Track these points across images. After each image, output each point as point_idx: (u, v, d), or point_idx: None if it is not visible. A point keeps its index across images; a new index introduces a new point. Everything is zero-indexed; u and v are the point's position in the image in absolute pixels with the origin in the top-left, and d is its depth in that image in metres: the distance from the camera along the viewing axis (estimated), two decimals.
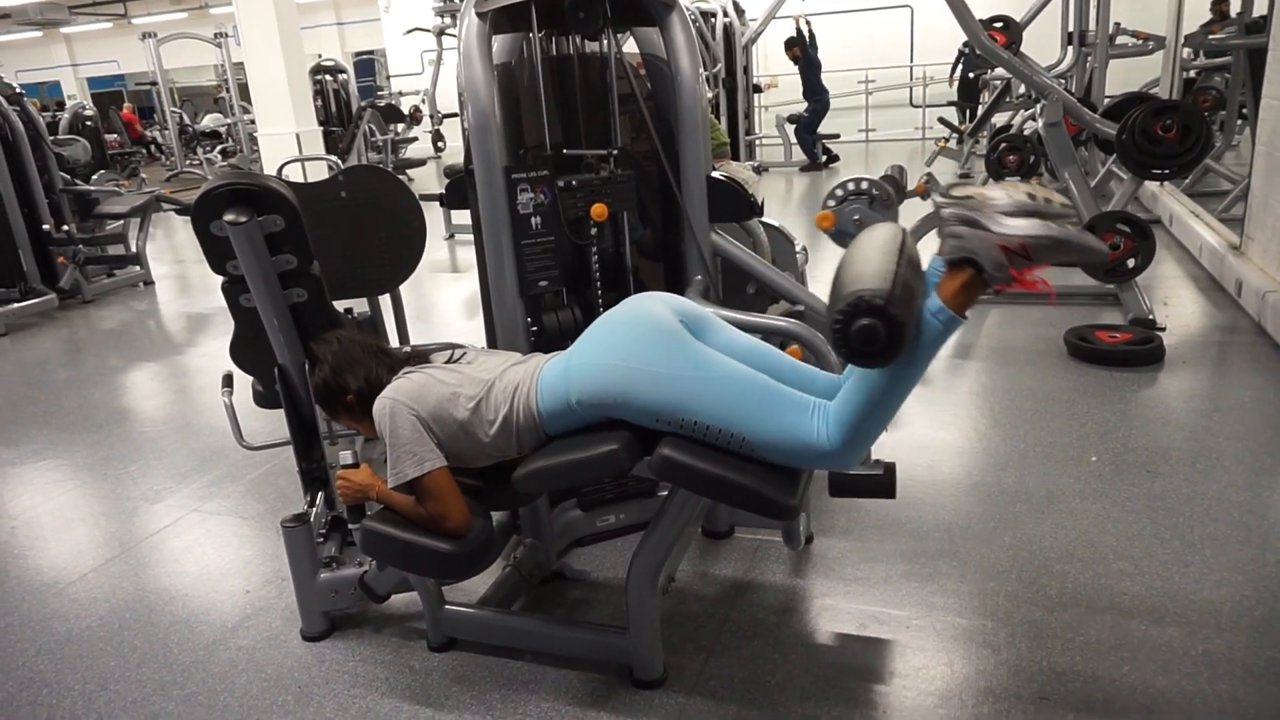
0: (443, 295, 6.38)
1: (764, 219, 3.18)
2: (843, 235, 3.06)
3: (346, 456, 2.08)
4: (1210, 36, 7.00)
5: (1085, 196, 4.75)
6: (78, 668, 2.31)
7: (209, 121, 16.29)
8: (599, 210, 2.33)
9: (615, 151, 2.43)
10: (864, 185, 3.01)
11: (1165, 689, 1.93)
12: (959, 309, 1.56)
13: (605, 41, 2.43)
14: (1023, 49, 6.51)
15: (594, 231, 2.39)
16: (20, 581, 2.78)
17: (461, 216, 7.77)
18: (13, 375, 5.09)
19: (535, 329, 2.36)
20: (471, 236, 2.59)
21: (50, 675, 2.28)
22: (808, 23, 11.39)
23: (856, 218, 2.96)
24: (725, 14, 9.21)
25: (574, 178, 2.35)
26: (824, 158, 11.37)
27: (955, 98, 12.25)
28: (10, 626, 2.52)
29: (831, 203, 3.01)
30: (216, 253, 2.15)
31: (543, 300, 2.40)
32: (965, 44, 12.24)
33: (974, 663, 2.07)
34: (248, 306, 2.26)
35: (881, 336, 1.48)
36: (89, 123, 8.67)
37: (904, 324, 1.49)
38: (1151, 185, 6.85)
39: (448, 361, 2.05)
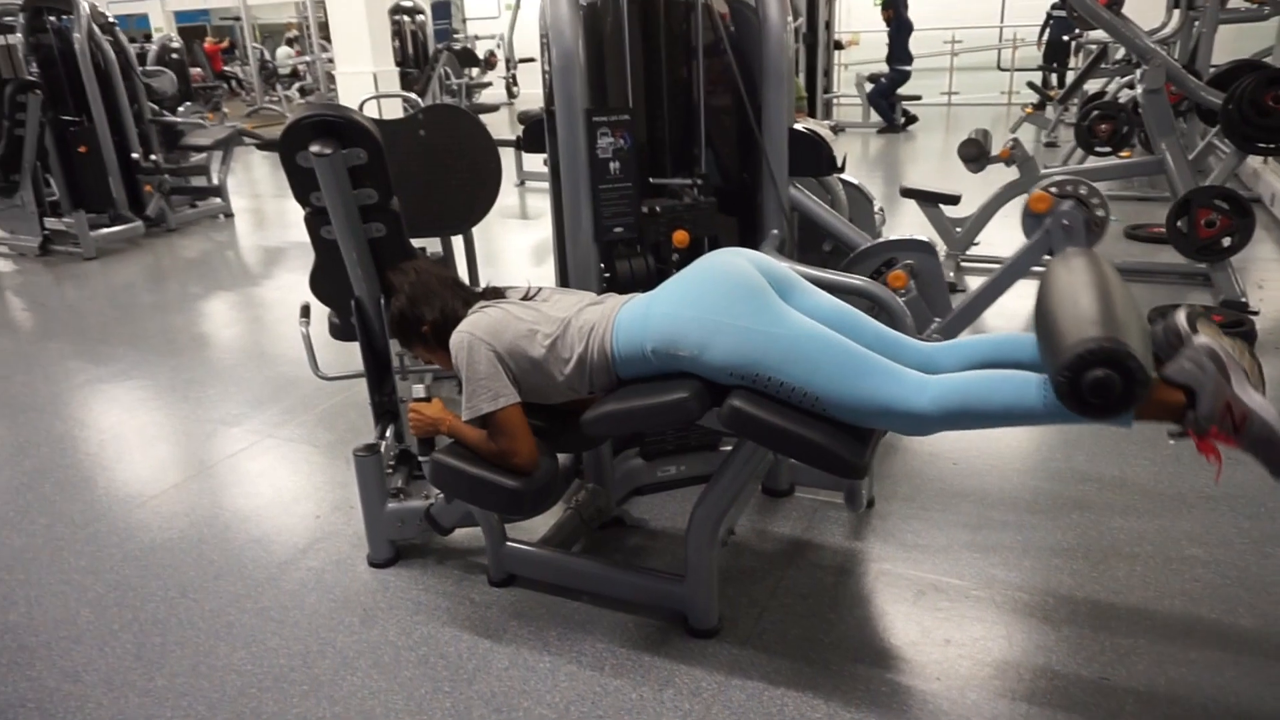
0: (512, 241, 6.42)
1: (843, 176, 3.11)
2: (1034, 223, 2.82)
3: (419, 390, 2.13)
4: None
5: (1182, 169, 4.53)
6: (161, 575, 2.43)
7: (280, 55, 16.49)
8: (680, 237, 2.35)
9: (699, 181, 2.43)
10: (1083, 191, 2.77)
11: (1234, 679, 1.88)
12: (1139, 415, 1.51)
13: None
14: (1125, 11, 6.18)
15: (675, 258, 2.39)
16: (108, 492, 2.92)
17: (532, 163, 7.77)
18: (102, 298, 5.31)
19: (608, 275, 2.35)
20: (543, 184, 2.59)
21: (136, 580, 2.41)
22: None
23: (1066, 222, 2.74)
24: None
25: (658, 203, 2.36)
26: (902, 120, 11.04)
27: (1042, 62, 11.76)
28: (99, 534, 2.66)
29: (1054, 189, 2.77)
30: (301, 183, 2.19)
31: (616, 247, 2.39)
32: (1054, 6, 11.77)
33: (1034, 638, 2.04)
34: (328, 239, 2.30)
35: (1117, 388, 1.41)
36: (175, 55, 8.85)
37: (1145, 380, 1.41)
38: (1254, 161, 6.50)
39: (523, 299, 2.06)
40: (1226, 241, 4.13)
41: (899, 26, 10.76)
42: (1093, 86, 8.78)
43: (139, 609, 2.29)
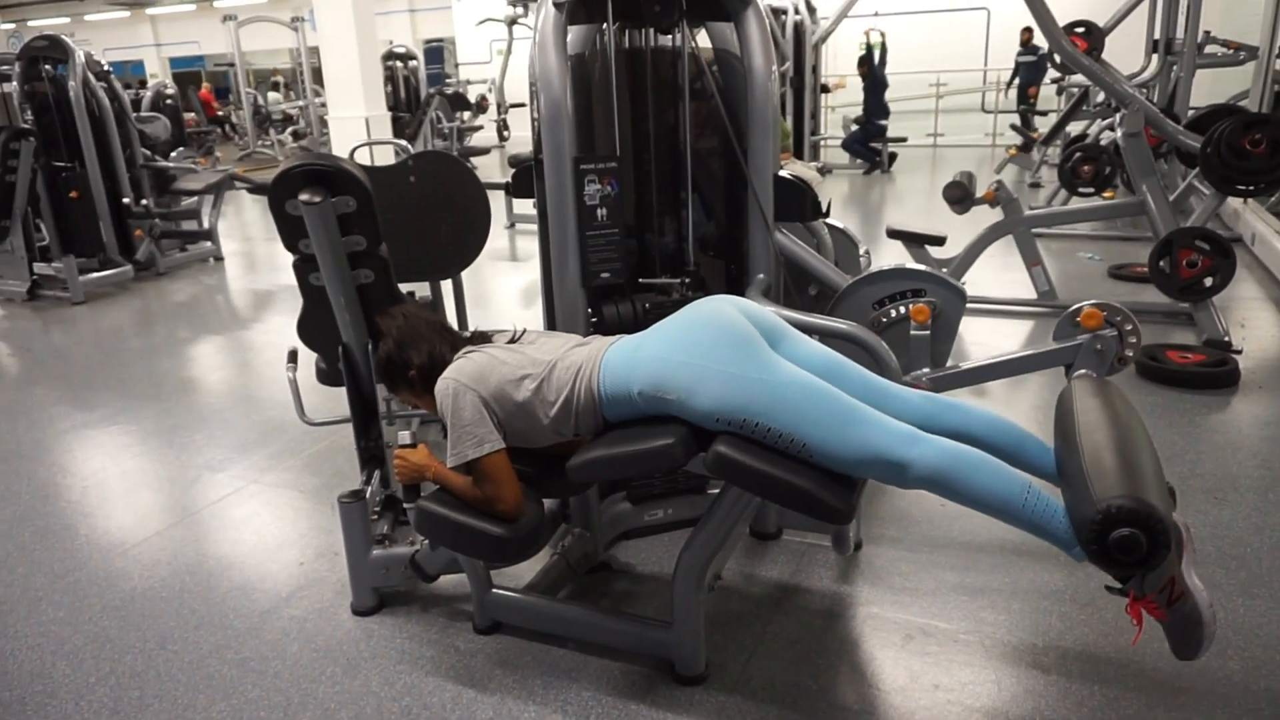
0: (502, 283, 6.45)
1: (828, 220, 3.15)
2: (1071, 331, 2.85)
3: (405, 436, 2.12)
4: None
5: (1164, 211, 4.60)
6: (140, 626, 2.39)
7: (271, 100, 16.70)
8: None
9: (688, 279, 2.46)
10: (1128, 327, 2.73)
11: None
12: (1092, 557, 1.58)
13: (678, 35, 2.42)
14: (1105, 56, 6.32)
15: None
16: (89, 540, 2.89)
17: (523, 206, 7.83)
18: (89, 342, 5.30)
19: (595, 320, 2.37)
20: (532, 226, 2.62)
21: (114, 631, 2.37)
22: (881, 35, 11.25)
23: (1099, 348, 2.78)
24: (796, 11, 9.13)
25: (647, 299, 2.39)
26: (879, 158, 11.21)
27: (1016, 107, 12.07)
28: (78, 583, 2.62)
29: (1106, 310, 2.78)
30: (290, 231, 2.21)
31: (604, 291, 2.41)
32: (1019, 53, 12.08)
33: (1023, 682, 2.02)
34: (316, 285, 2.31)
35: (1143, 549, 1.46)
36: (169, 101, 8.95)
37: (1169, 539, 1.46)
38: (1233, 202, 6.60)
39: (510, 342, 2.07)
40: (1208, 281, 4.19)
41: (874, 83, 10.99)
42: (1076, 128, 8.95)
43: (117, 661, 2.25)
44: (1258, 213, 6.35)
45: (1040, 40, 11.71)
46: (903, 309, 2.74)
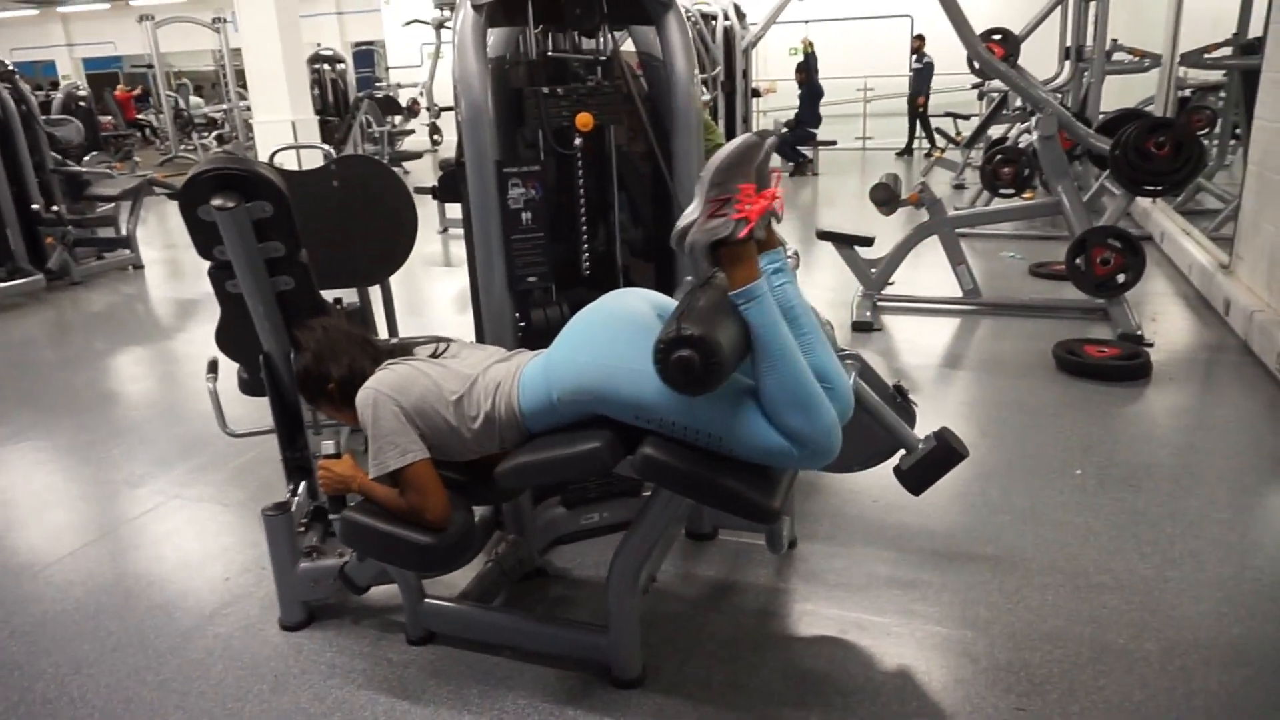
0: (435, 289, 6.36)
1: None
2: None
3: (329, 446, 2.07)
4: (1206, 56, 7.04)
5: (1078, 210, 4.77)
6: (52, 651, 2.28)
7: (194, 103, 16.22)
8: (584, 120, 2.26)
9: (604, 58, 2.37)
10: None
11: (1142, 703, 1.94)
12: (736, 283, 1.70)
13: (602, 39, 2.42)
14: (1020, 62, 6.53)
15: (578, 143, 2.32)
16: None
17: (455, 210, 7.75)
18: None
19: (524, 324, 2.35)
20: (464, 231, 2.58)
21: (23, 658, 2.26)
22: (809, 44, 11.49)
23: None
24: (726, 17, 9.21)
25: (559, 86, 2.28)
26: (805, 160, 11.44)
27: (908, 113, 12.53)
28: None
29: None
30: (203, 237, 2.14)
31: (531, 296, 2.39)
32: (914, 62, 12.50)
33: (953, 672, 2.07)
34: (234, 293, 2.24)
35: (698, 368, 1.58)
36: (82, 103, 8.61)
37: (708, 342, 1.57)
38: (1143, 202, 6.89)
39: (432, 355, 2.04)
40: (1121, 278, 4.36)
41: (810, 91, 11.21)
42: (997, 132, 9.22)
43: (26, 689, 2.14)
44: (1165, 212, 6.63)
45: (930, 49, 12.28)
46: None
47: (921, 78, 12.51)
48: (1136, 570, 2.44)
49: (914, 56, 12.62)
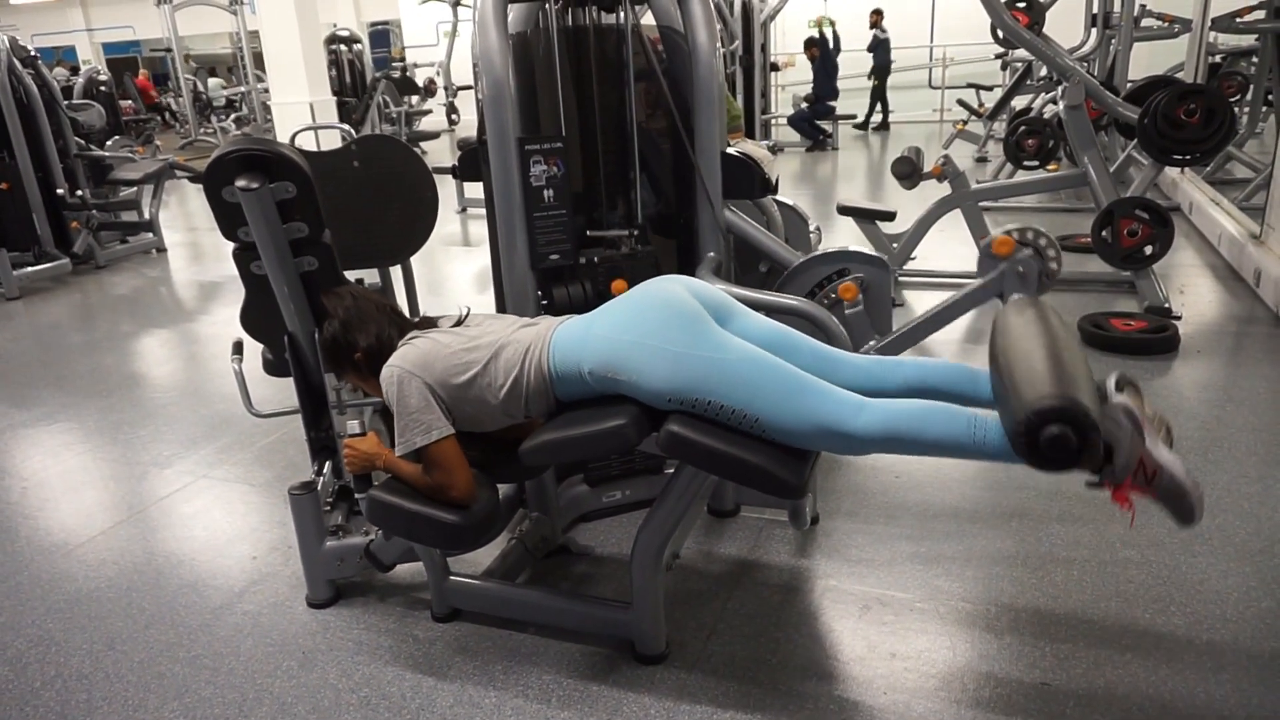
0: (454, 268, 6.37)
1: (778, 197, 3.16)
2: (991, 264, 2.93)
3: (354, 425, 2.08)
4: (1238, 20, 6.87)
5: (1104, 182, 4.69)
6: (86, 627, 2.33)
7: (212, 85, 16.27)
8: (619, 286, 2.34)
9: (636, 231, 2.45)
10: (1042, 242, 2.85)
11: (1168, 677, 1.93)
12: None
13: (622, 13, 2.39)
14: (1045, 30, 6.41)
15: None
16: (30, 541, 2.80)
17: (474, 190, 7.73)
18: (26, 338, 5.12)
19: (545, 302, 2.34)
20: (483, 211, 2.58)
21: (59, 634, 2.31)
22: (831, 23, 11.39)
23: (1021, 270, 2.82)
24: None
25: (595, 253, 2.37)
26: (824, 137, 11.37)
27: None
28: (20, 586, 2.55)
29: (1016, 234, 2.87)
30: (228, 219, 2.14)
31: (553, 273, 2.39)
32: (878, 36, 12.35)
33: (977, 646, 2.07)
34: (258, 274, 2.25)
35: (1073, 444, 1.47)
36: (103, 88, 8.65)
37: (1098, 435, 1.48)
38: (1172, 172, 6.77)
39: (455, 325, 2.04)
40: (1148, 250, 4.29)
41: (825, 65, 11.09)
42: (1021, 103, 9.08)
43: (63, 665, 2.19)
44: (1194, 182, 6.51)
45: (889, 23, 12.17)
46: (833, 293, 2.77)
47: (881, 52, 12.42)
48: (1163, 545, 2.42)
49: (873, 30, 12.52)
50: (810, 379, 1.76)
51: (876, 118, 12.99)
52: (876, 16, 12.53)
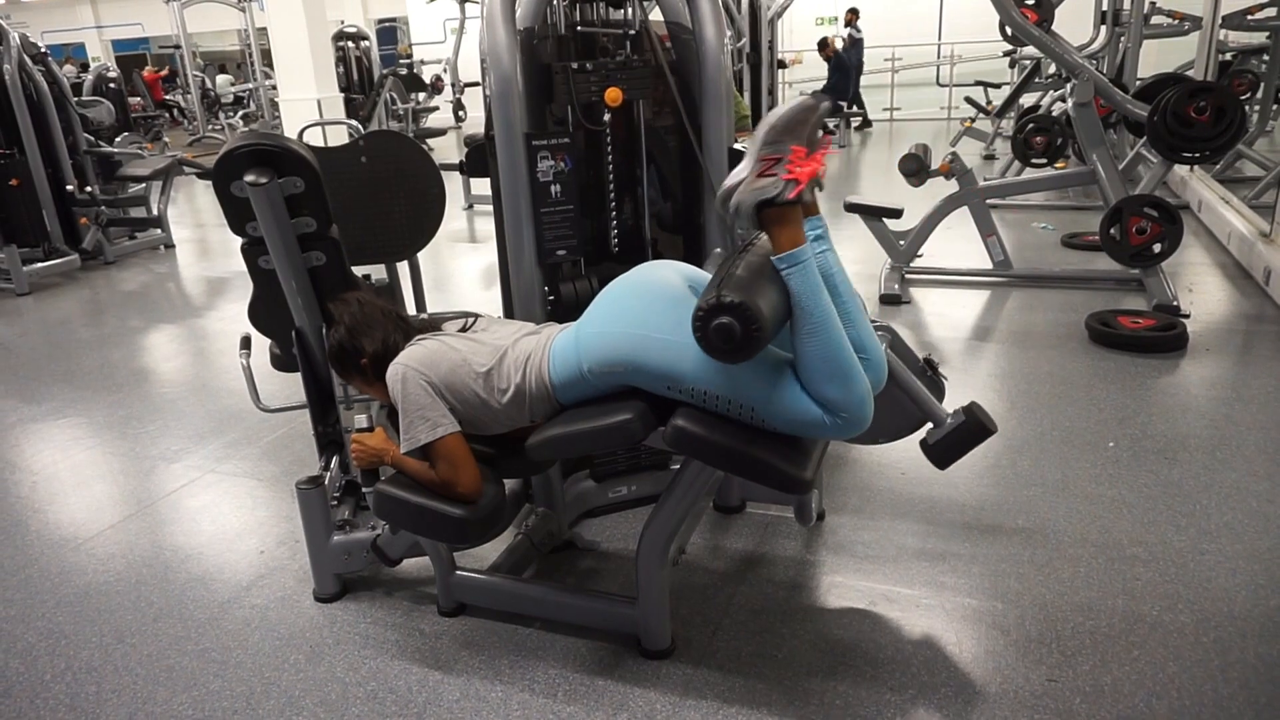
0: (460, 265, 6.38)
1: None
2: None
3: (361, 420, 2.09)
4: (1249, 17, 6.84)
5: (1113, 179, 4.67)
6: (95, 620, 2.34)
7: (220, 82, 16.31)
8: (613, 95, 2.25)
9: (632, 31, 2.36)
10: None
11: (1175, 675, 1.92)
12: (781, 248, 1.69)
13: (630, 9, 2.39)
14: (1054, 27, 6.39)
15: (606, 118, 2.31)
16: (40, 535, 2.82)
17: (480, 186, 7.75)
18: (35, 334, 5.15)
19: (552, 298, 2.35)
20: (490, 207, 2.58)
21: (69, 627, 2.32)
22: (852, 28, 11.32)
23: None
24: None
25: (588, 61, 2.27)
26: (828, 131, 11.35)
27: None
28: (30, 579, 2.56)
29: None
30: (237, 213, 2.15)
31: (560, 270, 2.39)
32: (853, 35, 12.23)
33: (983, 643, 2.06)
34: (266, 269, 2.26)
35: (738, 335, 1.57)
36: (112, 85, 8.69)
37: (748, 309, 1.56)
38: (1181, 170, 6.73)
39: (461, 330, 2.04)
40: (1157, 248, 4.27)
41: (840, 66, 11.03)
42: (1029, 100, 9.04)
43: (73, 657, 2.20)
44: (1203, 180, 6.48)
45: (864, 22, 12.04)
46: None
47: (855, 51, 12.31)
48: (1171, 542, 2.41)
49: (847, 29, 12.36)
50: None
51: (856, 120, 12.78)
52: (851, 15, 12.32)
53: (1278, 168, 6.00)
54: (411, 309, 3.34)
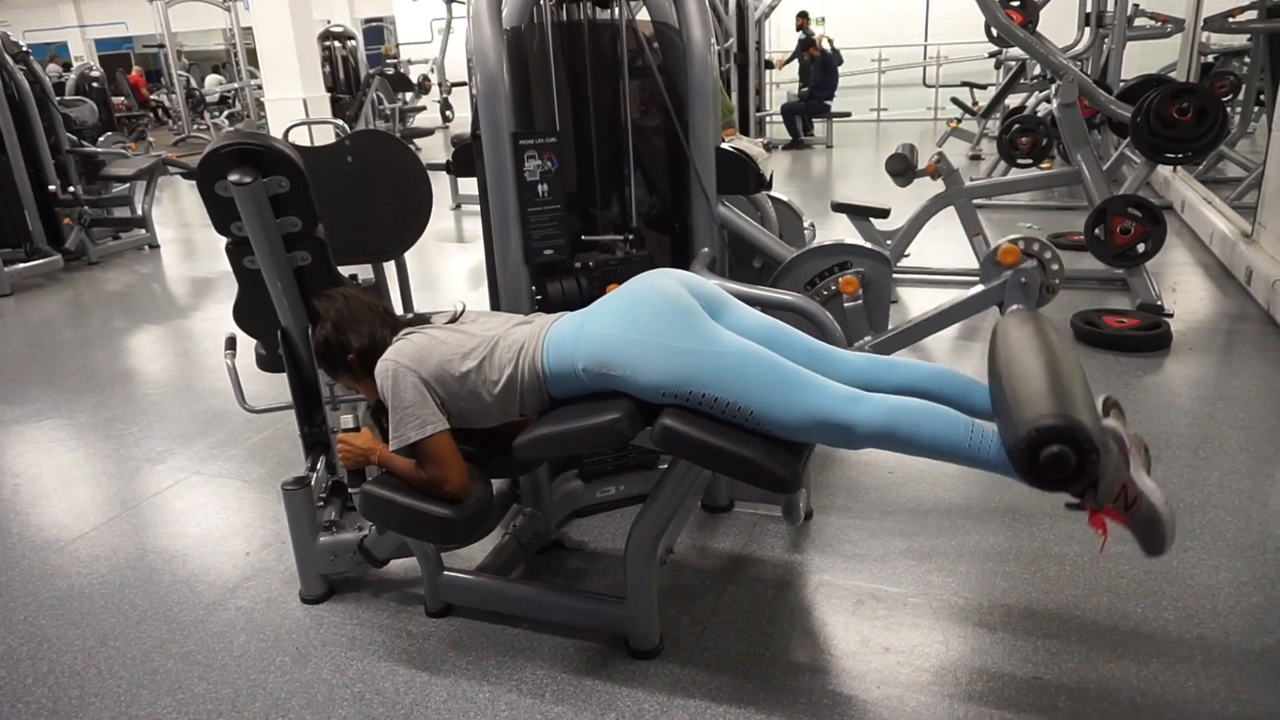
0: (448, 265, 6.37)
1: (772, 193, 3.16)
2: (995, 271, 2.93)
3: (348, 420, 2.08)
4: (1230, 20, 6.90)
5: (1098, 180, 4.71)
6: (78, 624, 2.32)
7: (210, 82, 16.21)
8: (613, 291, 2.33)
9: (630, 235, 2.45)
10: (1047, 255, 2.85)
11: (1159, 672, 1.94)
12: None
13: (617, 8, 2.39)
14: (1039, 29, 6.43)
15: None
16: (22, 538, 2.79)
17: (468, 186, 7.73)
18: (17, 335, 5.10)
19: (539, 297, 2.34)
20: (478, 207, 2.58)
21: (51, 631, 2.30)
22: (830, 41, 11.34)
23: (1024, 280, 2.84)
24: None
25: (591, 259, 2.37)
26: (805, 136, 11.36)
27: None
28: (11, 582, 2.54)
29: (1022, 244, 2.87)
30: (221, 213, 2.14)
31: (547, 269, 2.39)
32: (801, 34, 12.13)
33: (969, 641, 2.07)
34: (251, 269, 2.24)
35: (1072, 464, 1.47)
36: (95, 84, 8.62)
37: (1097, 451, 1.48)
38: (1164, 170, 6.78)
39: (450, 321, 2.04)
40: (1141, 247, 4.30)
41: (824, 67, 11.04)
42: (1014, 101, 9.09)
43: (55, 661, 2.18)
44: (1186, 180, 6.53)
45: (814, 26, 11.94)
46: (833, 285, 2.77)
47: (802, 51, 12.20)
48: None
49: (798, 34, 12.01)
50: (804, 372, 1.76)
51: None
52: (802, 19, 12.05)
53: (1258, 169, 6.05)
54: (399, 309, 3.33)
